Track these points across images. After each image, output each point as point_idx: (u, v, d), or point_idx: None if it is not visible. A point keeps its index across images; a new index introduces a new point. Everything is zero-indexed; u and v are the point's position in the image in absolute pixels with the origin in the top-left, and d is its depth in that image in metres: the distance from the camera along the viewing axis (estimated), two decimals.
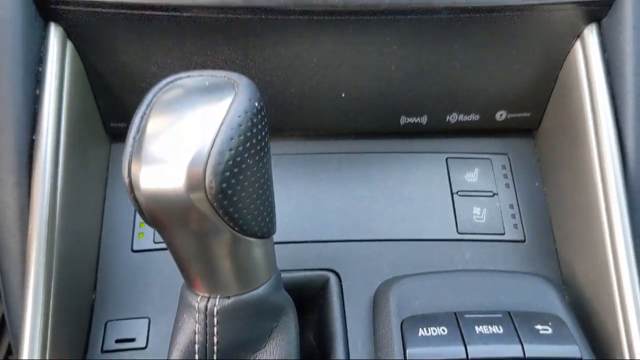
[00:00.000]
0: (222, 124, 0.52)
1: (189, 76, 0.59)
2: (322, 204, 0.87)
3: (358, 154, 0.91)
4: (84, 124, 0.80)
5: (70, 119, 0.75)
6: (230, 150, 0.51)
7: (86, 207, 0.81)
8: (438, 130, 0.91)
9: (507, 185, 0.90)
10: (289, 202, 0.87)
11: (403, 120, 0.89)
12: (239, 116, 0.53)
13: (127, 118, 0.84)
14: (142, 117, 0.56)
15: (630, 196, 0.76)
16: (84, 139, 0.79)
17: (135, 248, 0.84)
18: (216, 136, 0.52)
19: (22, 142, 0.70)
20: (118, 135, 0.89)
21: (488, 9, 0.75)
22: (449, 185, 0.89)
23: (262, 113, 0.56)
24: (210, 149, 0.51)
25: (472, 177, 0.90)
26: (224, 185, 0.51)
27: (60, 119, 0.73)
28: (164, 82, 0.58)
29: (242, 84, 0.56)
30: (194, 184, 0.51)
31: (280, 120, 0.86)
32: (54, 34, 0.74)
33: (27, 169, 0.70)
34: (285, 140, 0.91)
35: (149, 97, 0.57)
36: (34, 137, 0.71)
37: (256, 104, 0.55)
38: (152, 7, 0.72)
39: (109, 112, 0.85)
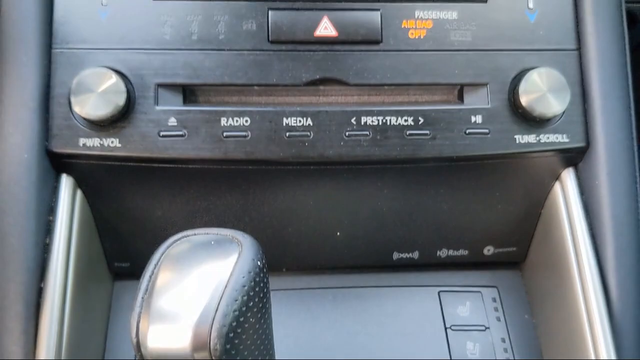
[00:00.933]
0: (226, 286, 0.56)
1: (195, 234, 0.63)
2: (317, 342, 0.89)
3: (352, 289, 0.94)
4: (90, 267, 0.83)
5: (77, 264, 0.78)
6: (235, 311, 0.55)
7: (89, 349, 0.82)
8: (429, 264, 0.95)
9: (498, 319, 0.92)
10: (285, 340, 0.88)
11: (395, 255, 0.93)
12: (243, 277, 0.57)
13: (131, 258, 0.89)
14: (150, 277, 0.59)
15: (615, 331, 0.79)
16: (88, 281, 0.82)
17: None
18: (221, 298, 0.55)
19: (30, 291, 0.73)
20: (121, 274, 0.92)
21: (472, 158, 0.81)
22: (442, 320, 0.91)
23: (265, 270, 0.60)
24: (216, 312, 0.54)
25: (464, 310, 0.93)
26: (228, 346, 0.54)
27: (68, 265, 0.77)
28: (171, 240, 0.62)
29: (246, 243, 0.60)
30: (199, 345, 0.54)
31: (278, 259, 0.90)
32: (65, 184, 0.79)
33: (35, 317, 0.73)
34: (280, 275, 0.94)
35: (156, 256, 0.60)
36: (42, 285, 0.74)
37: (259, 263, 0.59)
38: (158, 160, 0.77)
39: (113, 254, 0.89)
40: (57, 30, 0.78)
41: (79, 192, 0.80)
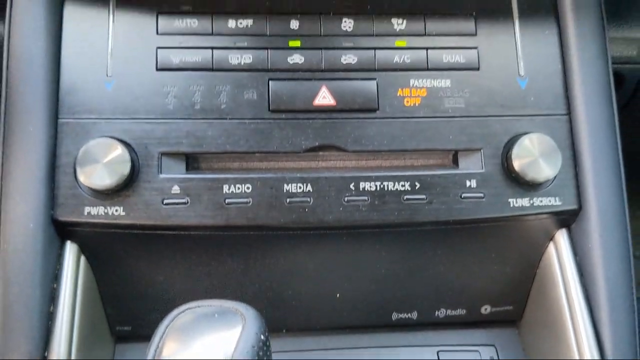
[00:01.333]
0: None
1: (198, 306, 0.64)
2: None
3: (352, 349, 0.94)
4: (92, 332, 0.84)
5: (81, 330, 0.79)
6: None
7: None
8: (428, 324, 0.96)
9: None
10: None
11: (395, 316, 0.94)
12: (247, 351, 0.58)
13: (132, 322, 0.89)
14: (155, 351, 0.60)
15: None
16: (91, 346, 0.83)
17: None
18: None
19: None
20: (122, 337, 0.92)
21: (467, 222, 0.83)
22: None
23: (268, 344, 0.61)
24: None
25: None
26: None
27: (72, 333, 0.77)
28: (175, 312, 0.63)
29: (249, 316, 0.61)
30: None
31: (279, 320, 0.91)
32: (70, 251, 0.80)
33: None
34: (281, 337, 0.94)
35: (161, 328, 0.61)
36: (45, 355, 0.75)
37: (262, 337, 0.60)
38: (161, 228, 0.79)
39: (115, 317, 0.89)
40: (63, 101, 0.80)
41: (82, 258, 0.82)
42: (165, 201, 0.78)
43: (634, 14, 1.06)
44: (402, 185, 0.82)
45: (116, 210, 0.78)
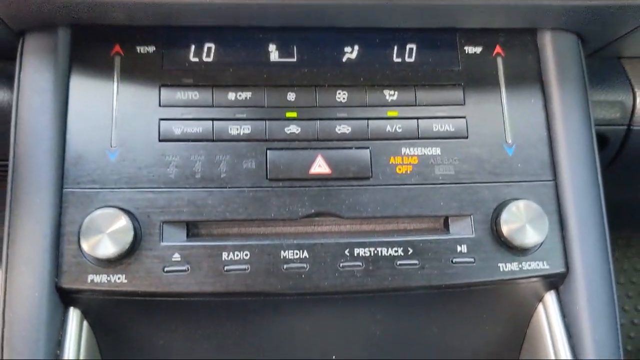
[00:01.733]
0: None
1: None
2: None
3: None
4: None
5: None
6: None
7: None
8: None
9: None
10: None
11: None
12: None
13: None
14: None
15: None
16: None
17: None
18: None
19: None
20: None
21: (459, 286, 0.85)
22: None
23: None
24: None
25: None
26: None
27: None
28: None
29: None
30: None
31: None
32: (73, 317, 0.82)
33: None
34: None
35: None
36: None
37: None
38: (162, 295, 0.81)
39: None
40: (68, 171, 0.83)
41: (85, 324, 0.84)
42: (166, 269, 0.81)
43: (616, 77, 1.11)
44: (395, 251, 0.85)
45: (118, 278, 0.80)
